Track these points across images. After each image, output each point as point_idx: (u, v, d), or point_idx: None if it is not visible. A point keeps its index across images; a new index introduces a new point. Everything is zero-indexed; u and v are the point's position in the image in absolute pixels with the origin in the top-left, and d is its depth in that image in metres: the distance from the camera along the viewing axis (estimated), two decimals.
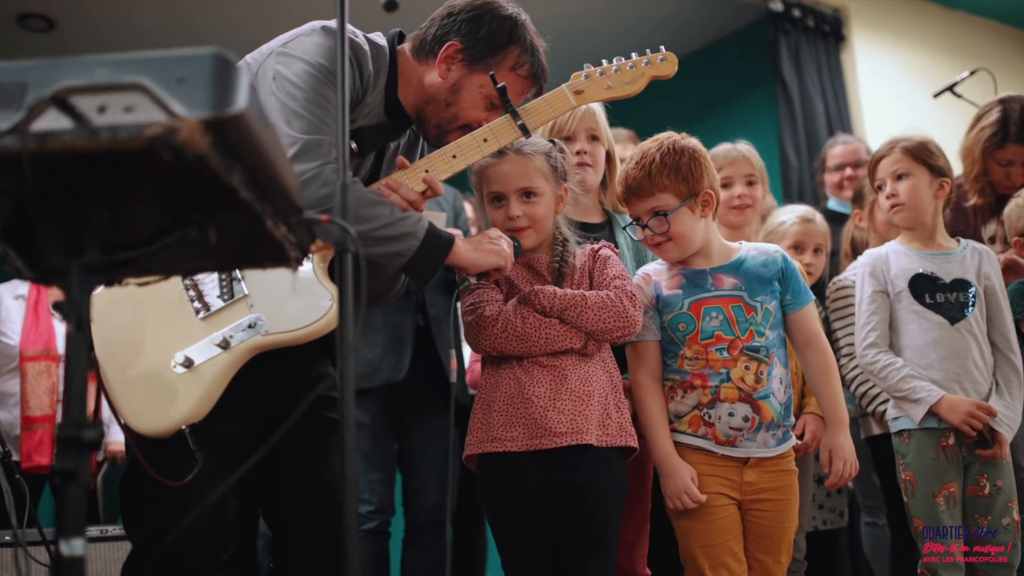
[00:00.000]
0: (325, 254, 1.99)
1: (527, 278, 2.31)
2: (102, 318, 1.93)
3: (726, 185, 3.07)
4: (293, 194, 1.37)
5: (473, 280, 2.16)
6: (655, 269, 2.50)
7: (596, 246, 2.37)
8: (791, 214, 3.37)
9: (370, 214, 1.92)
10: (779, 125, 5.71)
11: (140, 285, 1.49)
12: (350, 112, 2.03)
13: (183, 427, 1.86)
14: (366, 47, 2.09)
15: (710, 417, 2.32)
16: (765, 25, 5.93)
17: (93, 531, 3.09)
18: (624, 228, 2.53)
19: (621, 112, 4.52)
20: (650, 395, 2.37)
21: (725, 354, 2.33)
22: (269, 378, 2.04)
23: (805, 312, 2.46)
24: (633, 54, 2.22)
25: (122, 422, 1.88)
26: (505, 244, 2.15)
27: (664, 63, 2.22)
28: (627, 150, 3.81)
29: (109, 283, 1.42)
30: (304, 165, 1.89)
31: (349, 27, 2.06)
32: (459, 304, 2.29)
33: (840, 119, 5.77)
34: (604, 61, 2.21)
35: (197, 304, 1.93)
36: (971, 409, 2.63)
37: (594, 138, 2.70)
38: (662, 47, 2.23)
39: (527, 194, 2.27)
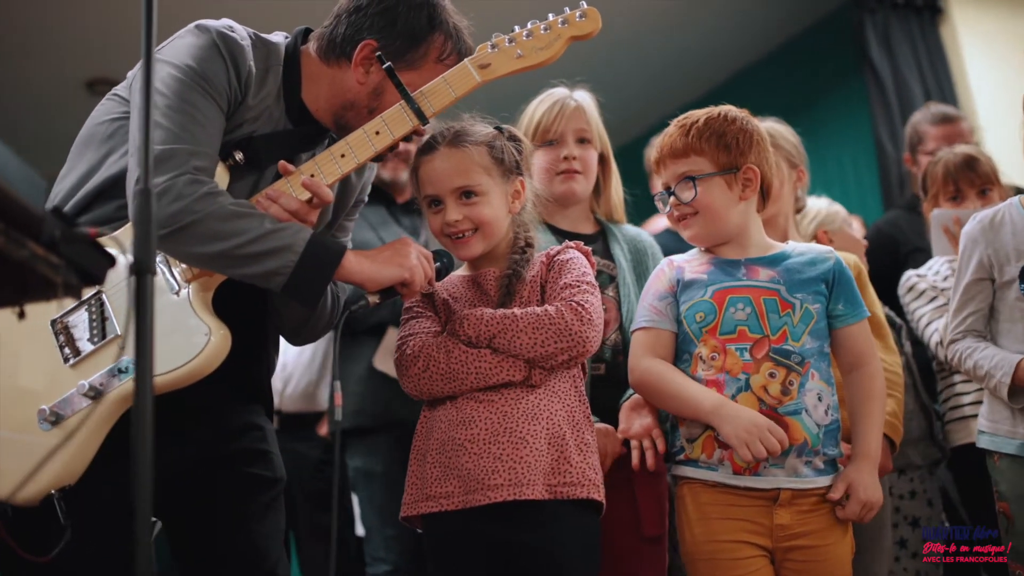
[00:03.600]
0: (206, 281, 1.71)
1: (470, 299, 1.93)
2: None
3: None
4: (28, 203, 1.08)
5: (373, 299, 1.79)
6: (683, 256, 2.12)
7: (555, 249, 1.97)
8: (823, 201, 2.93)
9: (233, 229, 1.63)
10: (872, 114, 5.18)
11: None
12: (229, 116, 1.77)
13: (52, 492, 1.61)
14: (245, 43, 1.82)
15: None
16: (849, 8, 5.42)
17: None
18: (655, 197, 2.13)
19: None
20: (663, 367, 1.98)
21: (747, 356, 1.92)
22: (171, 431, 1.76)
23: (858, 328, 2.03)
24: (550, 14, 1.85)
25: None
26: (415, 255, 1.79)
27: (584, 20, 1.83)
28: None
29: None
30: (152, 180, 1.61)
31: (228, 22, 1.84)
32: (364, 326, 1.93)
33: (943, 101, 5.17)
34: (516, 27, 1.84)
35: (67, 350, 1.67)
36: None
37: (584, 141, 2.34)
38: (583, 2, 1.85)
39: (466, 194, 1.91)
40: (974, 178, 2.77)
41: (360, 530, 3.40)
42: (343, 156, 1.78)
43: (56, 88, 5.71)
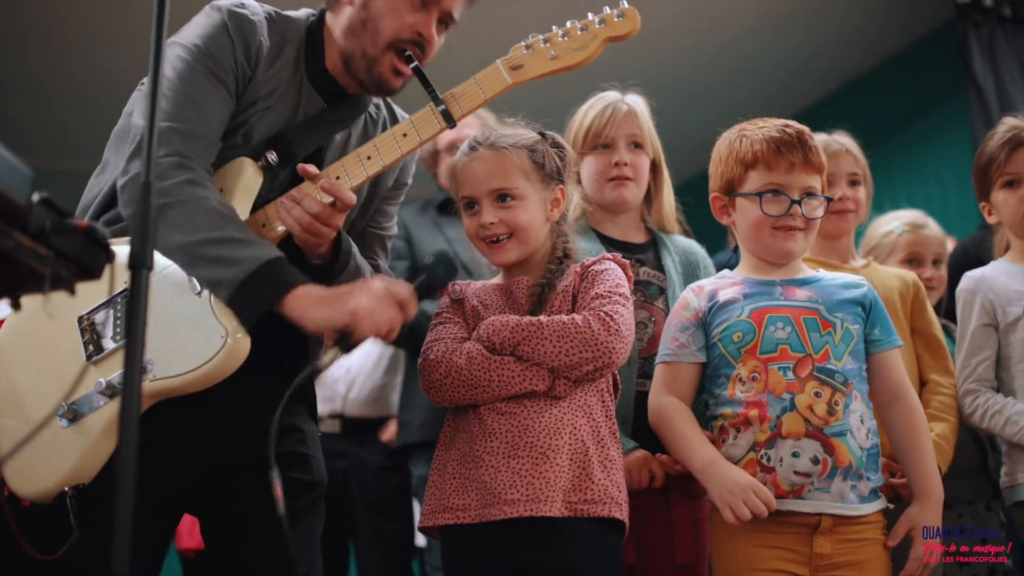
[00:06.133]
0: None
1: (500, 307, 1.89)
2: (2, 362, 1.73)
3: None
4: (10, 193, 1.08)
5: (325, 360, 1.62)
6: (710, 280, 2.06)
7: (591, 259, 1.92)
8: (896, 222, 2.79)
9: (200, 224, 1.59)
10: (974, 131, 4.96)
11: None
12: (241, 95, 1.76)
13: (66, 489, 1.60)
14: (257, 18, 1.79)
15: (769, 459, 1.82)
16: (954, 23, 5.20)
17: None
18: (742, 194, 1.98)
19: None
20: (674, 410, 1.91)
21: (790, 375, 1.84)
22: (205, 430, 1.75)
23: (894, 356, 1.97)
24: (589, 14, 1.78)
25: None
26: (368, 299, 1.61)
27: (622, 21, 1.75)
28: None
29: None
30: (137, 162, 1.62)
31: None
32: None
33: None
34: (554, 27, 1.78)
35: (91, 347, 1.67)
36: None
37: (637, 146, 2.26)
38: (623, 1, 1.77)
39: (502, 196, 1.87)
40: None
41: (421, 540, 3.39)
42: (369, 158, 1.75)
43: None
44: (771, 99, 6.19)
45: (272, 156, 1.76)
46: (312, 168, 1.74)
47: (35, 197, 1.11)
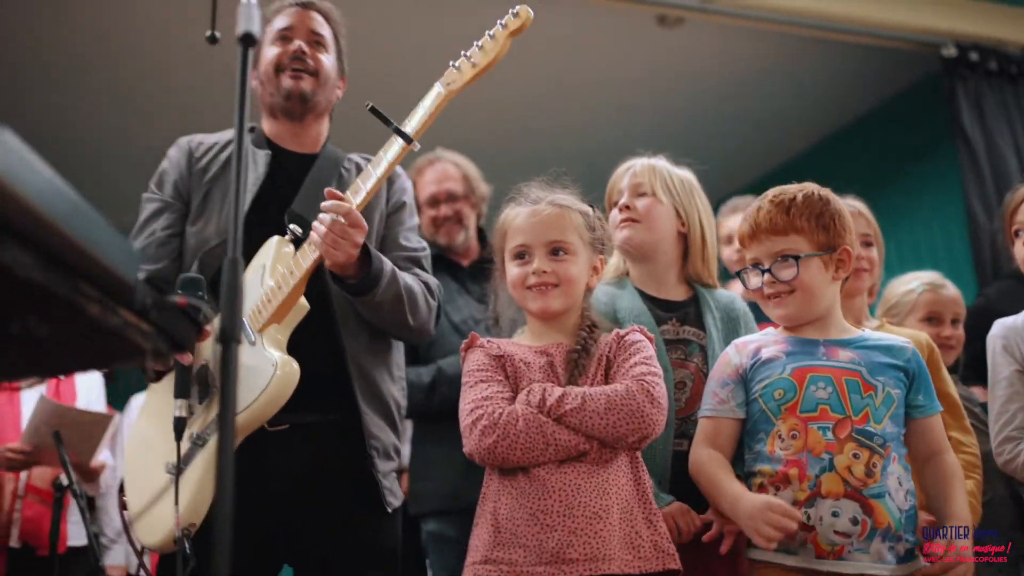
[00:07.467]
0: (277, 327, 1.97)
1: (543, 368, 1.93)
2: (132, 442, 2.15)
3: None
4: (122, 273, 1.11)
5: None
6: (754, 337, 2.10)
7: (624, 331, 1.99)
8: (916, 281, 2.86)
9: None
10: (963, 184, 5.07)
11: None
12: (191, 174, 2.26)
13: (183, 531, 1.83)
14: (197, 141, 2.32)
15: (809, 518, 1.86)
16: (940, 76, 5.33)
17: None
18: (737, 274, 2.11)
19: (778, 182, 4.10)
20: (709, 459, 1.98)
21: (829, 435, 1.88)
22: (271, 459, 2.03)
23: (936, 420, 2.03)
24: (498, 21, 2.04)
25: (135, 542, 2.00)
26: None
27: (517, 17, 2.03)
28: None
29: None
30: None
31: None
32: None
33: None
34: (474, 42, 2.05)
35: (185, 412, 1.92)
36: None
37: (642, 195, 2.33)
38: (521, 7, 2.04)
39: (556, 250, 1.96)
40: None
41: None
42: (356, 193, 2.04)
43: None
44: (758, 152, 6.33)
45: (297, 229, 2.10)
46: (337, 193, 2.03)
47: (140, 274, 1.14)
